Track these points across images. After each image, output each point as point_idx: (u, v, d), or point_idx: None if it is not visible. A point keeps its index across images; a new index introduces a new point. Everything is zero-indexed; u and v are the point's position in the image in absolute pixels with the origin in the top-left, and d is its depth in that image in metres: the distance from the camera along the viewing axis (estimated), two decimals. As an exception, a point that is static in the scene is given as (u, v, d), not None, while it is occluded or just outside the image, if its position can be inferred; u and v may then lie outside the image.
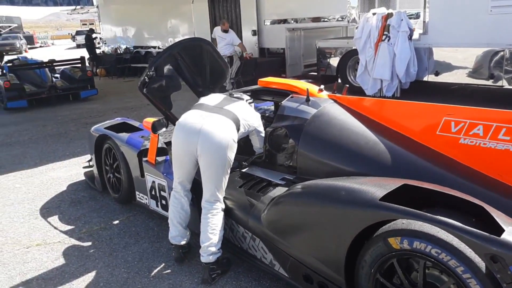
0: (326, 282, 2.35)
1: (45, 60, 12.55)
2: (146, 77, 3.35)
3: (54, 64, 11.64)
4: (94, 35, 17.46)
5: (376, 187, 2.11)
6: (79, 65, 11.20)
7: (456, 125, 2.53)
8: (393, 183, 2.16)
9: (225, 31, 10.25)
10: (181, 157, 2.94)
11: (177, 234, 3.07)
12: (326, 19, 9.95)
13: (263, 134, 3.25)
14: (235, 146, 2.88)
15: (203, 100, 3.20)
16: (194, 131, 2.81)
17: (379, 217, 2.02)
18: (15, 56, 14.68)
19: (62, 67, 11.72)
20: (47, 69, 10.95)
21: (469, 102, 4.38)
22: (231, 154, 2.84)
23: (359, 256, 2.16)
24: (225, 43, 10.19)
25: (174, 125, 3.72)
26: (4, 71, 10.11)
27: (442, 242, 1.85)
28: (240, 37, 11.19)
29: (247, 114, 3.10)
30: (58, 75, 11.45)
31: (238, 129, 2.93)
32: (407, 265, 2.06)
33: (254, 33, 11.38)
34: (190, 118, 2.93)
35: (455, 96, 8.10)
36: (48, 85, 10.55)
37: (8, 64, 10.90)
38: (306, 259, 2.44)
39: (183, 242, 3.08)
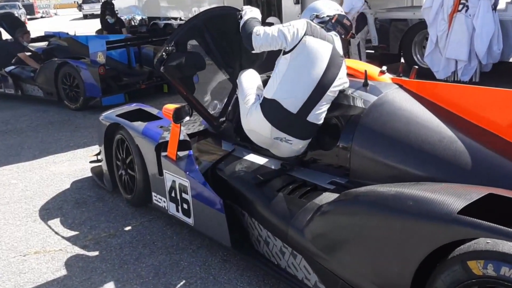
0: (384, 312, 2.31)
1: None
2: (164, 53, 3.37)
3: (155, 39, 9.52)
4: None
5: (453, 197, 2.06)
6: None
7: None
8: (476, 192, 2.10)
9: None
10: None
11: None
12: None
13: None
14: None
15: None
16: None
17: (457, 234, 1.97)
18: (44, 31, 11.83)
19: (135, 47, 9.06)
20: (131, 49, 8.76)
21: None
22: None
23: (428, 282, 2.12)
24: None
25: (198, 112, 3.75)
26: (103, 57, 7.80)
27: (539, 269, 1.78)
28: (279, 5, 11.07)
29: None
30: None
31: None
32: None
33: (297, 1, 11.27)
34: None
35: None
36: (145, 71, 8.72)
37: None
38: (360, 283, 2.41)
39: None
